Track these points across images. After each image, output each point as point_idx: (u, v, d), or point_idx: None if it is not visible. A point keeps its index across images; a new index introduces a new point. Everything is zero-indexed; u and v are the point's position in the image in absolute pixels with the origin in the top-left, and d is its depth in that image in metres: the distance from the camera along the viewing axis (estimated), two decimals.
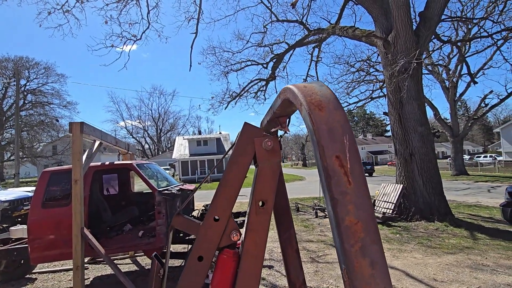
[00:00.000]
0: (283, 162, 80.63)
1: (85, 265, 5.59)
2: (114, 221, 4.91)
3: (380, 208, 8.28)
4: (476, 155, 44.70)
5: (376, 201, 8.46)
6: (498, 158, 33.97)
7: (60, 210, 4.10)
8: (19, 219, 7.95)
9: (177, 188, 4.70)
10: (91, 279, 4.90)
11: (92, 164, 4.47)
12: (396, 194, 8.12)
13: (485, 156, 40.62)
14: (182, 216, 0.97)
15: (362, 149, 58.38)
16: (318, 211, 9.27)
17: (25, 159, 31.24)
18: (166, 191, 4.29)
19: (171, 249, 5.64)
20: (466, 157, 38.05)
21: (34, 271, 5.31)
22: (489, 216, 8.46)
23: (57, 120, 32.09)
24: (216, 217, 0.93)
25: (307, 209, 10.47)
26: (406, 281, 4.21)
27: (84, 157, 3.94)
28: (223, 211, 0.94)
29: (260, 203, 0.92)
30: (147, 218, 5.18)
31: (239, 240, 0.93)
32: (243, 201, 12.71)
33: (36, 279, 5.06)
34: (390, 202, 8.16)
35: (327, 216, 9.02)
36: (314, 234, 7.12)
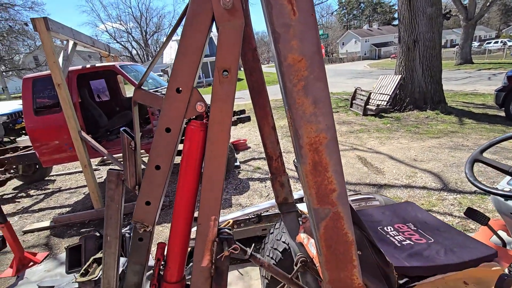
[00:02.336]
0: (266, 63, 76.23)
1: (97, 166, 6.11)
2: (111, 126, 5.04)
3: (375, 101, 8.35)
4: (486, 41, 41.78)
5: (372, 93, 8.44)
6: (508, 44, 31.81)
7: (54, 116, 4.13)
8: (23, 132, 8.21)
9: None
10: (103, 177, 5.44)
11: (73, 68, 4.24)
12: (393, 86, 8.03)
13: (496, 42, 37.95)
14: (142, 90, 0.91)
15: (365, 41, 54.43)
16: None
17: (10, 73, 29.83)
18: (156, 93, 4.21)
19: None
20: (475, 44, 35.74)
21: (52, 173, 5.86)
22: (482, 102, 8.60)
23: (26, 25, 28.81)
24: (179, 88, 0.86)
25: None
26: (388, 163, 4.63)
27: (60, 59, 3.68)
28: (185, 82, 0.87)
29: (223, 72, 0.84)
30: (143, 121, 5.30)
31: (204, 111, 0.90)
32: (239, 103, 12.78)
33: (55, 180, 5.63)
34: (385, 94, 8.16)
35: None
36: None
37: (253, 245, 1.05)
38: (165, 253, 0.93)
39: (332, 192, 0.54)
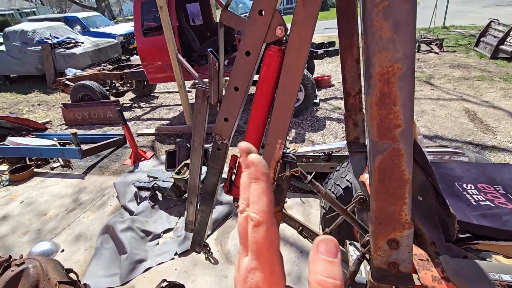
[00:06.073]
0: None
1: (189, 88, 6.87)
2: (202, 51, 5.38)
3: None
4: None
5: None
6: None
7: (158, 38, 4.64)
8: (134, 51, 9.60)
9: None
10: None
11: None
12: None
13: None
14: (229, 11, 0.94)
15: None
16: (422, 44, 7.82)
17: None
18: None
19: None
20: None
21: (155, 91, 6.91)
22: None
23: None
24: (261, 11, 0.87)
25: None
26: (507, 122, 3.75)
27: None
28: (268, 4, 0.86)
29: None
30: (230, 48, 5.45)
31: (284, 36, 0.89)
32: (330, 34, 11.61)
33: (158, 97, 6.66)
34: None
35: (431, 51, 7.62)
36: None
37: (313, 172, 1.11)
38: (237, 164, 1.09)
39: (396, 127, 0.50)
